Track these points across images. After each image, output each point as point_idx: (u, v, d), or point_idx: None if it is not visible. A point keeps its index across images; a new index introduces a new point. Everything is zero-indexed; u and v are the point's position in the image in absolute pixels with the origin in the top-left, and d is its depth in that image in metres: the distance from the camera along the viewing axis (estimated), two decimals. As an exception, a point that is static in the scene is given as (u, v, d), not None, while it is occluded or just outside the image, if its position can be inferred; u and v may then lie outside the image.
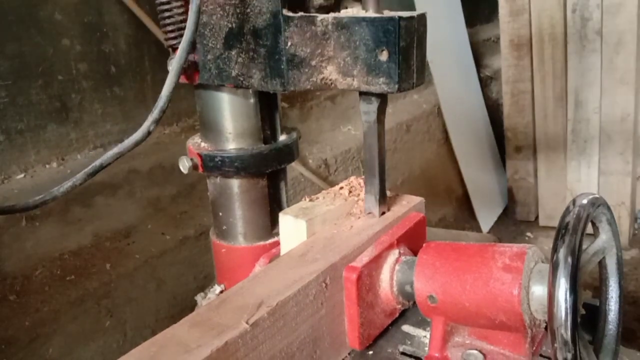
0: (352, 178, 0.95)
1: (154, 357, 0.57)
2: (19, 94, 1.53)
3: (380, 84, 0.74)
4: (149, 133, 0.76)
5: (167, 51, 0.90)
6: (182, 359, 0.57)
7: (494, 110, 3.50)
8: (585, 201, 0.64)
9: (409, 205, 0.91)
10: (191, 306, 1.08)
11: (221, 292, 1.02)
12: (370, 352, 0.79)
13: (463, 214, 3.23)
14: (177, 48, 0.79)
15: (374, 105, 0.79)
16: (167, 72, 0.89)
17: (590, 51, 2.92)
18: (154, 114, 0.74)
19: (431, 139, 3.08)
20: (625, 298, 0.69)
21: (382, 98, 0.79)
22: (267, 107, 0.95)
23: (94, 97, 1.72)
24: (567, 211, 0.63)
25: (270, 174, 0.98)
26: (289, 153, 0.98)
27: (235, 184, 0.96)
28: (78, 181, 0.77)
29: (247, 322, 0.62)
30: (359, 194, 0.90)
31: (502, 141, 3.39)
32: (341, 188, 0.92)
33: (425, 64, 0.79)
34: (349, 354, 0.79)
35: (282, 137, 0.99)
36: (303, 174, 2.11)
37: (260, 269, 0.85)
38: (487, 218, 3.29)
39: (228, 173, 0.94)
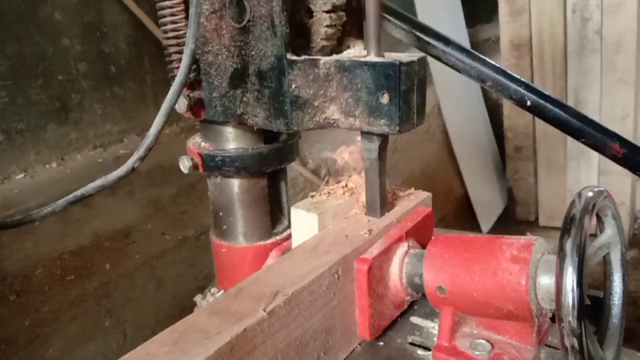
0: (356, 175, 0.95)
1: (177, 343, 0.59)
2: (19, 94, 1.53)
3: (381, 125, 0.76)
4: (133, 169, 0.78)
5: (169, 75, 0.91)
6: (203, 345, 0.58)
7: (494, 110, 3.51)
8: (591, 194, 0.65)
9: (416, 200, 0.93)
10: (191, 306, 1.08)
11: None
12: (381, 343, 0.81)
13: (463, 214, 3.23)
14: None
15: (375, 144, 0.81)
16: (166, 72, 0.90)
17: (590, 51, 2.92)
18: (140, 151, 0.76)
19: (431, 139, 3.08)
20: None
21: (384, 137, 0.81)
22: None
23: (93, 97, 1.73)
24: (573, 203, 0.65)
25: (271, 173, 0.98)
26: (289, 153, 0.98)
27: (235, 183, 0.96)
28: (58, 208, 0.79)
29: (264, 310, 0.64)
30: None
31: (502, 141, 3.39)
32: (345, 184, 0.93)
33: (426, 103, 0.81)
34: (359, 344, 0.81)
35: (282, 137, 0.99)
36: (303, 174, 2.11)
37: (274, 261, 0.86)
38: (487, 218, 3.29)
39: (228, 173, 0.94)
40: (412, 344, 0.80)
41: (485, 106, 3.50)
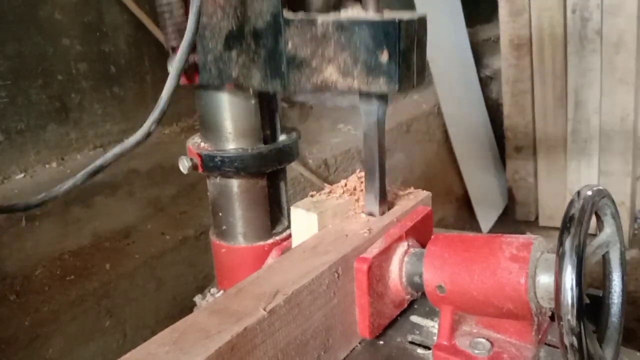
0: (358, 173, 0.95)
1: (177, 342, 0.59)
2: (19, 94, 1.53)
3: (380, 85, 0.74)
4: (149, 133, 0.76)
5: (166, 51, 0.90)
6: (203, 344, 0.58)
7: (494, 110, 3.50)
8: (590, 192, 0.66)
9: (416, 199, 0.93)
10: (191, 306, 1.08)
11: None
12: (381, 342, 0.81)
13: (463, 214, 3.23)
14: (177, 48, 0.79)
15: (374, 106, 0.80)
16: (166, 72, 0.90)
17: (590, 51, 2.92)
18: (155, 114, 0.74)
19: (431, 139, 3.08)
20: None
21: (383, 99, 0.80)
22: (267, 107, 0.95)
23: (93, 97, 1.73)
24: (572, 202, 0.65)
25: (270, 174, 0.98)
26: (289, 153, 0.98)
27: (235, 184, 0.96)
28: (79, 181, 0.77)
29: (264, 309, 0.64)
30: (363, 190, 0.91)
31: (502, 141, 3.39)
32: (345, 184, 0.93)
33: (426, 65, 0.79)
34: (359, 343, 0.81)
35: (282, 137, 0.99)
36: (303, 174, 2.11)
37: (274, 260, 0.86)
38: (487, 218, 3.29)
39: (228, 173, 0.94)
40: (412, 342, 0.81)
41: (485, 106, 3.50)
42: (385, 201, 0.88)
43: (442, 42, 3.10)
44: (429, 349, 0.78)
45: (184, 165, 0.94)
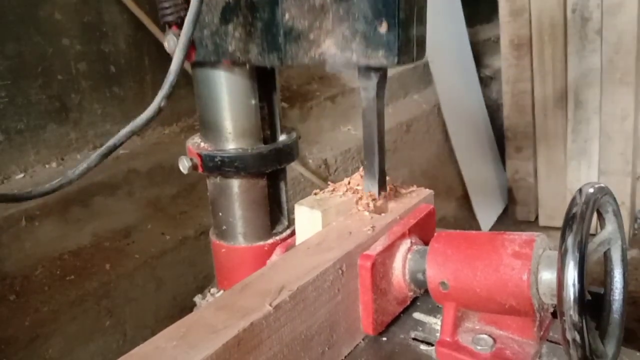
0: (361, 171, 0.95)
1: (184, 337, 0.60)
2: (19, 94, 1.53)
3: (379, 57, 0.73)
4: (160, 109, 0.74)
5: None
6: (210, 339, 0.59)
7: (494, 110, 3.50)
8: (592, 190, 0.66)
9: (419, 197, 0.94)
10: (191, 306, 1.08)
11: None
12: (384, 338, 0.82)
13: (463, 214, 3.23)
14: (172, 24, 0.77)
15: (373, 81, 0.78)
16: (167, 72, 0.90)
17: (590, 51, 2.92)
18: (164, 89, 0.73)
19: (431, 139, 3.08)
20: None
21: (382, 73, 0.78)
22: (267, 107, 0.95)
23: (93, 97, 1.72)
24: (574, 200, 0.65)
25: (270, 174, 0.98)
26: (289, 153, 0.98)
27: (235, 184, 0.96)
28: (93, 162, 0.77)
29: (270, 305, 0.64)
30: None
31: (502, 141, 3.39)
32: (349, 182, 0.94)
33: (426, 38, 0.77)
34: (363, 339, 0.82)
35: (282, 137, 0.99)
36: (303, 174, 2.11)
37: (278, 257, 0.86)
38: (487, 218, 3.29)
39: (228, 173, 0.94)
40: (415, 339, 0.81)
41: (485, 106, 3.50)
42: (385, 180, 0.87)
43: (442, 42, 3.10)
44: (432, 345, 0.79)
45: (183, 165, 0.94)
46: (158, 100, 0.74)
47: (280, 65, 0.79)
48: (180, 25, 0.83)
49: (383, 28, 0.71)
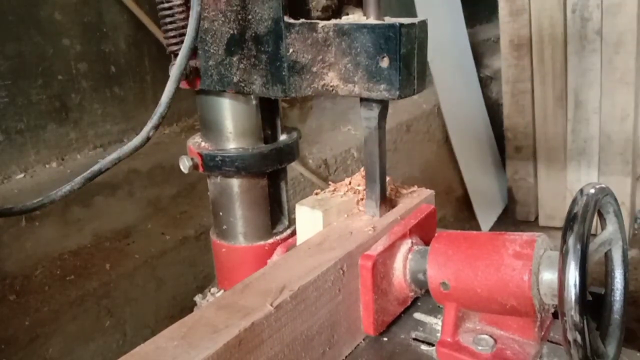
0: (362, 172, 0.96)
1: (185, 337, 0.60)
2: (19, 94, 1.53)
3: (381, 91, 0.74)
4: (148, 139, 0.76)
5: (166, 51, 0.90)
6: (211, 338, 0.59)
7: (494, 110, 3.50)
8: (592, 190, 0.66)
9: (419, 198, 0.94)
10: (191, 306, 1.08)
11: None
12: (385, 339, 0.82)
13: (463, 214, 3.23)
14: (178, 54, 0.79)
15: (375, 112, 0.80)
16: (167, 72, 0.90)
17: (590, 51, 2.92)
18: (154, 120, 0.75)
19: (431, 139, 3.08)
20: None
21: (383, 104, 0.80)
22: (267, 107, 0.95)
23: (93, 97, 1.72)
24: (575, 200, 0.65)
25: (271, 173, 0.98)
26: (290, 153, 0.98)
27: (235, 183, 0.96)
28: (76, 185, 0.78)
29: (271, 305, 0.65)
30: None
31: (502, 141, 3.39)
32: (350, 182, 0.94)
33: (427, 70, 0.79)
34: (363, 339, 0.82)
35: (283, 137, 0.99)
36: (303, 174, 2.11)
37: (279, 257, 0.86)
38: (487, 218, 3.29)
39: (228, 173, 0.94)
40: (415, 339, 0.81)
41: (485, 106, 3.50)
42: (386, 205, 0.88)
43: (442, 42, 3.10)
44: (433, 345, 0.79)
45: (184, 164, 0.94)
46: (147, 130, 0.75)
47: (284, 97, 0.81)
48: None
49: (385, 63, 0.73)
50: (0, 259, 1.35)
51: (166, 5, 0.85)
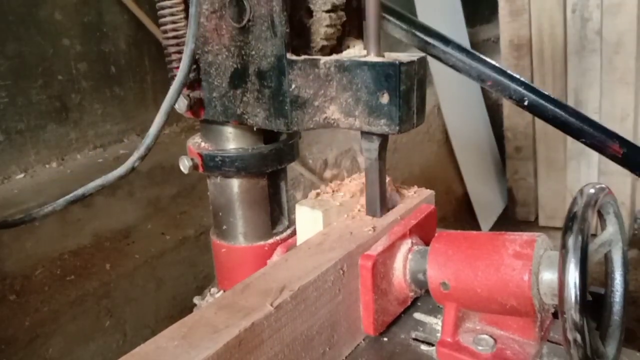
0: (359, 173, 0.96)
1: (185, 337, 0.60)
2: (19, 94, 1.53)
3: (381, 125, 0.76)
4: (133, 169, 0.78)
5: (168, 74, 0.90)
6: (211, 339, 0.59)
7: (494, 110, 3.51)
8: (592, 190, 0.66)
9: (419, 198, 0.94)
10: (191, 306, 1.08)
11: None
12: (385, 339, 0.82)
13: (463, 214, 3.23)
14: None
15: (375, 144, 0.81)
16: (167, 72, 0.90)
17: (590, 51, 2.93)
18: (140, 150, 0.76)
19: (431, 139, 3.08)
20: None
21: (384, 137, 0.81)
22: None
23: (93, 97, 1.72)
24: (575, 200, 0.65)
25: (271, 173, 0.98)
26: (290, 153, 0.98)
27: (235, 183, 0.96)
28: (59, 207, 0.80)
29: (271, 305, 0.65)
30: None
31: (502, 141, 3.39)
32: (349, 183, 0.94)
33: (425, 104, 0.81)
34: (363, 339, 0.82)
35: (283, 137, 0.99)
36: (303, 174, 2.11)
37: (279, 257, 0.86)
38: (487, 218, 3.29)
39: (228, 173, 0.94)
40: (415, 339, 0.81)
41: (485, 106, 3.50)
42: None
43: (442, 42, 3.10)
44: (433, 345, 0.79)
45: (184, 165, 0.94)
46: (132, 160, 0.77)
47: (287, 131, 0.83)
48: (189, 86, 0.87)
49: (385, 99, 0.74)
50: (0, 259, 1.35)
51: (171, 34, 0.86)
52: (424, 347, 0.80)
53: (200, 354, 0.57)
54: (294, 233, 0.97)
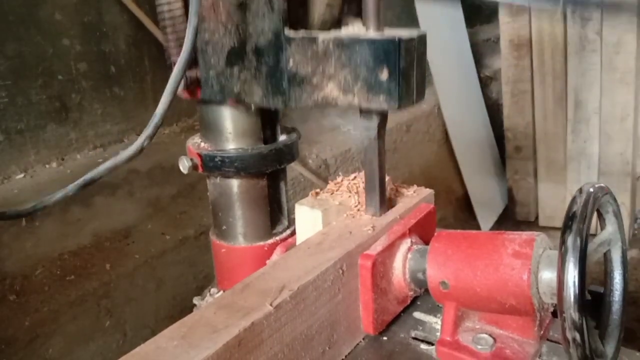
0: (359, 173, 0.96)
1: (185, 337, 0.60)
2: (19, 94, 1.53)
3: (381, 102, 0.75)
4: (142, 149, 0.77)
5: (168, 65, 0.90)
6: (211, 338, 0.59)
7: (494, 110, 3.50)
8: (592, 189, 0.66)
9: (419, 197, 0.94)
10: (191, 306, 1.08)
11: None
12: (384, 338, 0.82)
13: (463, 214, 3.23)
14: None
15: (374, 122, 0.81)
16: (167, 72, 0.90)
17: (590, 51, 2.92)
18: (148, 130, 0.76)
19: (431, 139, 3.08)
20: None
21: (383, 114, 0.81)
22: (267, 108, 0.95)
23: (93, 97, 1.73)
24: (574, 199, 0.65)
25: (270, 174, 0.98)
26: (289, 153, 0.98)
27: (235, 184, 0.96)
28: (70, 191, 0.78)
29: (271, 305, 0.65)
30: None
31: (502, 141, 3.39)
32: (354, 178, 0.94)
33: (425, 81, 0.80)
34: (363, 338, 0.82)
35: (282, 137, 0.99)
36: (303, 174, 2.11)
37: (279, 257, 0.86)
38: (487, 218, 3.29)
39: (228, 173, 0.94)
40: (415, 338, 0.82)
41: (485, 106, 3.50)
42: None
43: (442, 42, 3.10)
44: (432, 344, 0.79)
45: (184, 165, 0.94)
46: (141, 140, 0.76)
47: (284, 108, 0.82)
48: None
49: (384, 75, 0.73)
50: (0, 259, 1.35)
51: (167, 15, 0.85)
52: (423, 346, 0.80)
53: (200, 354, 0.57)
54: (293, 233, 0.97)
